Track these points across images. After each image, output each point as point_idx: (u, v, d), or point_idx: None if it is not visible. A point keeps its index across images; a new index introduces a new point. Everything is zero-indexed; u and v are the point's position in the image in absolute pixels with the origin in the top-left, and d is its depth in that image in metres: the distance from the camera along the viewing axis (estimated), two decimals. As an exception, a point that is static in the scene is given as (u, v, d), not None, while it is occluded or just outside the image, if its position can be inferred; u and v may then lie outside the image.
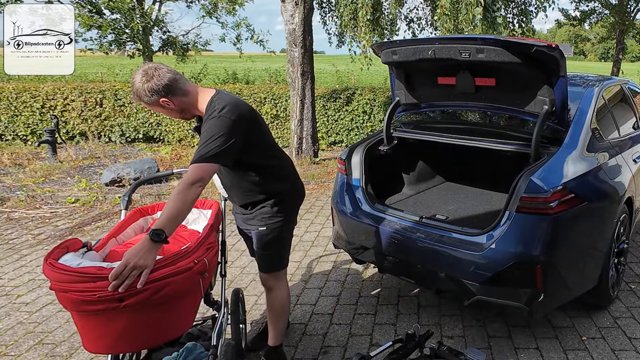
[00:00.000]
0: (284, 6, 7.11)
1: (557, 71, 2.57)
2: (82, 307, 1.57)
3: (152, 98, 1.91)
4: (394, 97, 3.52)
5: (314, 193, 6.18)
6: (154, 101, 1.93)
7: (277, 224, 2.29)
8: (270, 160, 2.25)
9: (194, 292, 1.81)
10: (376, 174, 3.33)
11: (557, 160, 2.58)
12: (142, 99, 1.92)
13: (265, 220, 2.27)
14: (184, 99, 1.99)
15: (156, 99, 1.92)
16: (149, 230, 1.65)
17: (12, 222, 5.04)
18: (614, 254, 2.99)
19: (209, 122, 1.92)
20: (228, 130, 1.90)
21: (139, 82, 1.89)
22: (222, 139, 1.88)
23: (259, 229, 2.29)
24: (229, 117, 1.92)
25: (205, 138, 1.88)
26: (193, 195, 1.79)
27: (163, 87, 1.91)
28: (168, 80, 1.92)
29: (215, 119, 1.91)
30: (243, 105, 2.06)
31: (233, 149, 1.93)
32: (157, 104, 1.95)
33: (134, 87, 1.92)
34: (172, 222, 1.72)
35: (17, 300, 3.34)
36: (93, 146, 8.77)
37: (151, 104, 1.94)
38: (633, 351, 2.67)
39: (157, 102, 1.94)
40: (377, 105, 8.81)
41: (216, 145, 1.86)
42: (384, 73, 17.23)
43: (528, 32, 8.22)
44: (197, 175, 1.80)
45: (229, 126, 1.91)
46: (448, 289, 2.76)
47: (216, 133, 1.88)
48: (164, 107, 1.98)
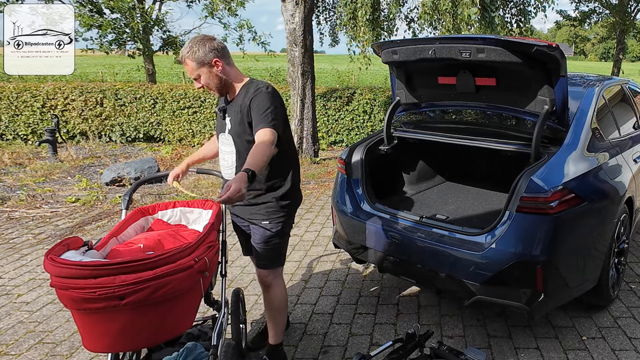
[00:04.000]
0: (285, 6, 7.11)
1: (557, 71, 2.57)
2: (82, 305, 1.57)
3: (209, 55, 2.11)
4: (395, 96, 3.52)
5: (314, 193, 6.18)
6: (209, 59, 2.11)
7: (281, 219, 2.33)
8: (289, 145, 2.38)
9: (194, 291, 1.81)
10: (376, 173, 3.34)
11: (558, 160, 2.58)
12: (197, 57, 2.09)
13: (269, 215, 2.31)
14: (230, 69, 2.22)
15: (211, 57, 2.11)
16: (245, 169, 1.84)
17: (12, 221, 5.04)
18: (614, 254, 2.99)
19: (260, 95, 2.13)
20: (279, 104, 2.17)
21: (197, 43, 2.10)
22: (277, 110, 2.13)
23: (262, 223, 2.32)
24: (276, 94, 2.18)
25: (263, 108, 2.10)
26: (272, 152, 2.04)
27: (221, 49, 2.15)
28: (223, 45, 2.18)
29: (266, 93, 2.14)
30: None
31: (282, 123, 2.18)
32: (208, 64, 2.12)
33: (191, 48, 2.09)
34: (262, 165, 1.94)
35: (18, 299, 3.35)
36: (93, 146, 8.78)
37: (202, 63, 2.11)
38: (633, 351, 2.67)
39: (210, 61, 2.12)
40: (377, 105, 8.81)
41: (275, 114, 2.10)
42: (384, 73, 17.24)
43: (526, 32, 8.22)
44: (273, 137, 2.05)
45: (278, 101, 2.17)
46: (448, 288, 2.76)
47: (272, 104, 2.11)
48: (212, 69, 2.14)
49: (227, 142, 2.31)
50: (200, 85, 2.17)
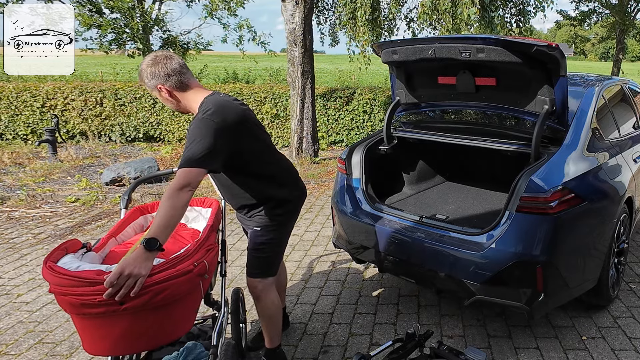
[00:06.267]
0: (284, 6, 7.10)
1: (557, 71, 2.57)
2: (82, 310, 1.57)
3: (151, 82, 1.97)
4: (394, 96, 3.52)
5: (314, 193, 6.18)
6: (152, 85, 1.99)
7: (273, 226, 2.25)
8: (266, 166, 2.21)
9: (193, 294, 1.80)
10: (376, 173, 3.33)
11: (558, 160, 2.58)
12: (143, 80, 1.99)
13: (261, 222, 2.25)
14: (182, 93, 2.02)
15: (154, 83, 1.97)
16: (142, 239, 1.61)
17: (12, 221, 5.04)
18: (614, 254, 2.99)
19: (193, 123, 1.91)
20: (211, 133, 1.85)
21: (146, 64, 1.97)
22: (206, 141, 1.83)
23: (254, 229, 2.27)
24: (212, 119, 1.88)
25: (189, 140, 1.85)
26: (182, 200, 1.74)
27: (164, 75, 1.96)
28: (171, 70, 1.97)
29: (199, 120, 1.89)
30: (231, 109, 1.99)
31: (218, 153, 1.88)
32: (154, 89, 2.01)
33: (140, 68, 1.99)
34: (164, 229, 1.68)
35: (18, 299, 3.35)
36: (93, 145, 8.77)
37: (149, 87, 2.01)
38: (633, 351, 2.67)
39: (154, 86, 1.99)
40: (377, 104, 8.81)
41: (200, 148, 1.82)
42: (384, 73, 17.23)
43: (526, 32, 8.22)
44: (184, 180, 1.76)
45: (212, 129, 1.86)
46: (448, 288, 2.76)
47: (198, 135, 1.84)
48: (160, 94, 2.02)
49: None
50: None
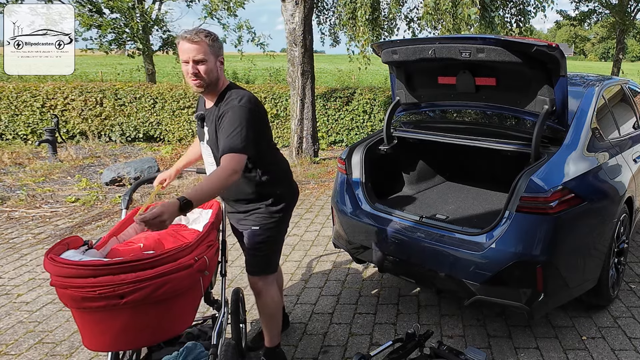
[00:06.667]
0: (284, 6, 7.11)
1: (557, 71, 2.57)
2: (82, 304, 1.57)
3: (221, 51, 2.07)
4: (394, 96, 3.52)
5: (314, 193, 6.18)
6: (221, 54, 2.07)
7: (271, 224, 2.27)
8: (272, 157, 2.29)
9: (194, 290, 1.81)
10: (376, 173, 3.33)
11: (558, 160, 2.58)
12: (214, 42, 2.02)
13: (259, 220, 2.26)
14: (221, 68, 2.10)
15: (222, 53, 2.08)
16: (181, 197, 1.70)
17: (12, 221, 5.04)
18: (614, 254, 2.99)
19: (231, 111, 1.99)
20: (252, 120, 1.99)
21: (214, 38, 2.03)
22: (248, 129, 1.96)
23: (252, 228, 2.27)
24: (250, 108, 2.01)
25: (231, 127, 1.95)
26: (230, 183, 1.87)
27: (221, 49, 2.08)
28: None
29: (237, 108, 1.99)
30: (258, 101, 2.16)
31: (256, 140, 2.03)
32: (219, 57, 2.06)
33: (209, 31, 2.02)
34: (203, 199, 1.79)
35: (18, 299, 3.35)
36: (93, 145, 8.78)
37: (215, 54, 2.03)
38: (633, 351, 2.67)
39: (220, 56, 2.07)
40: (377, 104, 8.81)
41: (244, 135, 1.94)
42: (384, 73, 17.23)
43: (526, 32, 8.23)
44: (236, 166, 1.89)
45: (252, 117, 2.00)
46: (448, 288, 2.76)
47: (241, 122, 1.96)
48: (217, 63, 2.05)
49: (207, 152, 2.22)
50: (194, 71, 1.99)
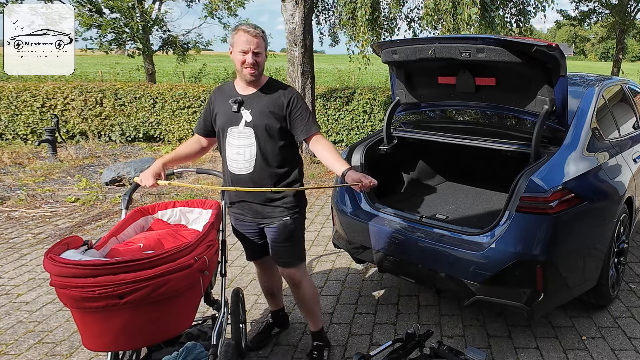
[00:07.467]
0: (284, 5, 7.10)
1: (557, 71, 2.57)
2: (82, 304, 1.57)
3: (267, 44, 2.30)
4: (394, 96, 3.52)
5: (314, 192, 6.18)
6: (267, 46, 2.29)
7: (298, 213, 2.39)
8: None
9: (194, 290, 1.81)
10: (376, 173, 3.31)
11: (557, 160, 2.58)
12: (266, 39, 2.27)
13: (287, 210, 2.34)
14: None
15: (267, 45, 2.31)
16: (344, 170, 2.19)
17: (12, 221, 5.04)
18: (614, 254, 2.99)
19: (296, 96, 2.31)
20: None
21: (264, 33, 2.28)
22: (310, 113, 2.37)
23: (283, 220, 2.34)
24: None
25: (306, 111, 2.31)
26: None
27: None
28: None
29: (298, 94, 2.34)
30: None
31: None
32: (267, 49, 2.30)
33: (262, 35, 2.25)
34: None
35: (18, 299, 3.35)
36: (93, 145, 8.77)
37: (266, 47, 2.28)
38: (633, 351, 2.67)
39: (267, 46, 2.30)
40: (377, 104, 8.81)
41: (313, 118, 2.35)
42: (384, 73, 17.24)
43: (526, 32, 8.23)
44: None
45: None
46: (448, 288, 2.76)
47: (306, 107, 2.34)
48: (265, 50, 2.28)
49: (242, 135, 2.28)
50: (253, 62, 2.20)
